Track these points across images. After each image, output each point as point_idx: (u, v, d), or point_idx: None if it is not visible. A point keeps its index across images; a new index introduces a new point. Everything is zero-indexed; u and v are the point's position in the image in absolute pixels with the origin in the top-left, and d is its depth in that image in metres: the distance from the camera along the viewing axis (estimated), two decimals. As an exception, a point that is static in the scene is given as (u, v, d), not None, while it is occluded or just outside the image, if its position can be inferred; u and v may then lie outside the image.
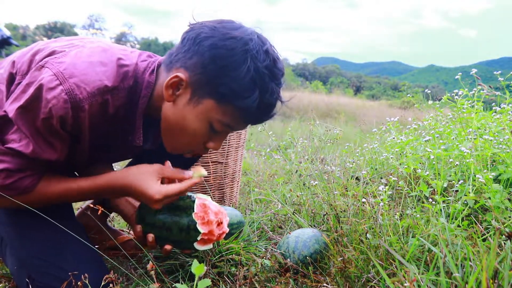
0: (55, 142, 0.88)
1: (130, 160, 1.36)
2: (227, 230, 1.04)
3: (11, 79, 0.94)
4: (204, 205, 1.01)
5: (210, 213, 1.01)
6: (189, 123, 0.93)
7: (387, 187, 1.24)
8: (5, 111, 0.88)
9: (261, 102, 0.90)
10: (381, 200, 1.17)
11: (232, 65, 0.86)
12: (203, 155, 1.69)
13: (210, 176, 1.71)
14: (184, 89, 0.91)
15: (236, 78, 0.86)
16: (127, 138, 1.01)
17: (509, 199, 1.28)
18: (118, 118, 0.96)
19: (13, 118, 0.85)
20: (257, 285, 1.07)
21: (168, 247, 1.02)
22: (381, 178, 1.78)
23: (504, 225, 1.07)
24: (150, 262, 0.98)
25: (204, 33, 0.88)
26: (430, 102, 2.06)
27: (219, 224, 1.02)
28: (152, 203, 0.95)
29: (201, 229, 0.99)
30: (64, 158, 0.94)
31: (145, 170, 0.96)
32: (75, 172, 1.18)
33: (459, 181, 1.34)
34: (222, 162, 1.74)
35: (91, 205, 1.39)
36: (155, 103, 0.97)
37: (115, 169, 1.20)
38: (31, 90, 0.83)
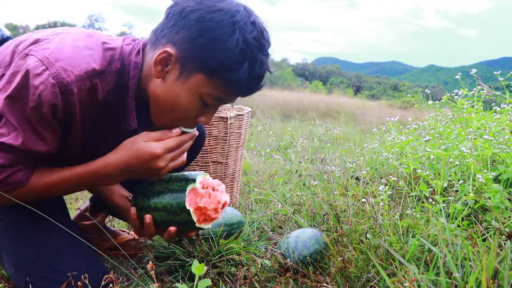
0: (45, 133, 0.87)
1: None
2: (228, 201, 1.04)
3: None
4: (195, 190, 0.99)
5: (199, 200, 0.99)
6: (180, 98, 0.92)
7: (387, 187, 1.24)
8: None
9: (251, 73, 0.89)
10: (381, 200, 1.17)
11: (220, 37, 0.85)
12: (203, 155, 1.69)
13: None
14: (173, 65, 0.90)
15: (225, 51, 0.85)
16: (119, 125, 0.98)
17: (509, 199, 1.28)
18: (108, 104, 0.94)
19: (0, 109, 0.83)
20: (257, 285, 1.07)
21: (172, 228, 0.99)
22: (381, 178, 1.78)
23: (504, 225, 1.07)
24: (150, 262, 0.98)
25: (190, 7, 0.87)
26: (430, 102, 2.06)
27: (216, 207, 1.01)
28: (156, 161, 0.93)
29: (194, 216, 0.98)
30: (55, 151, 0.92)
31: (134, 139, 0.95)
32: None
33: (459, 181, 1.34)
34: (222, 162, 1.74)
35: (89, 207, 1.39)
36: (143, 84, 0.95)
37: None
38: (17, 79, 0.82)
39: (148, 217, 0.99)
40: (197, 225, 0.99)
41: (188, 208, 0.97)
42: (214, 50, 0.86)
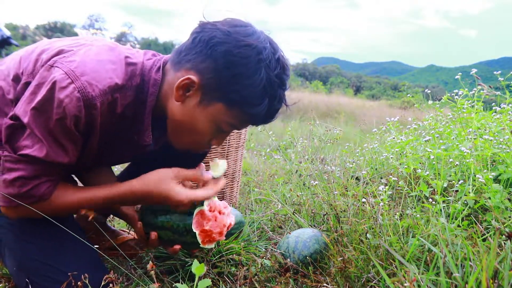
0: (67, 145, 0.88)
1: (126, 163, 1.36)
2: (233, 223, 1.05)
3: (17, 79, 0.93)
4: (203, 213, 1.00)
5: (205, 223, 1.00)
6: (198, 123, 0.94)
7: (387, 187, 1.23)
8: (15, 116, 0.86)
9: (270, 108, 0.92)
10: (381, 200, 1.17)
11: (246, 73, 0.87)
12: (203, 155, 1.69)
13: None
14: (195, 91, 0.91)
15: (249, 86, 0.87)
16: (133, 137, 1.00)
17: (509, 199, 1.28)
18: (125, 117, 0.96)
19: (26, 121, 0.84)
20: (257, 285, 1.07)
21: (177, 246, 1.03)
22: (381, 178, 1.78)
23: (504, 225, 1.07)
24: (150, 262, 0.98)
25: (218, 38, 0.88)
26: (430, 102, 2.06)
27: (221, 231, 1.02)
28: (179, 207, 0.98)
29: (199, 238, 1.00)
30: (74, 161, 0.93)
31: (165, 176, 0.96)
32: (74, 175, 1.17)
33: (459, 181, 1.34)
34: (222, 162, 1.74)
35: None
36: (161, 101, 0.97)
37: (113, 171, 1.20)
38: (42, 91, 0.83)
39: (153, 234, 1.02)
40: (201, 245, 1.01)
41: (194, 230, 0.99)
42: (238, 85, 0.88)
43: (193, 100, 0.92)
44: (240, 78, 0.87)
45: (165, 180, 0.96)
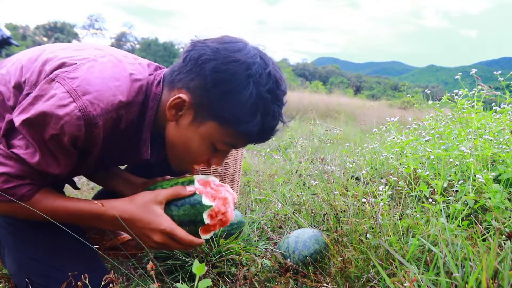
0: (61, 158, 0.87)
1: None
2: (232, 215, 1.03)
3: (19, 87, 0.92)
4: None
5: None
6: (192, 143, 0.93)
7: (387, 187, 1.23)
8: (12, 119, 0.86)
9: (263, 125, 0.90)
10: (381, 200, 1.17)
11: (234, 90, 0.85)
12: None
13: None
14: (187, 110, 0.91)
15: (238, 103, 0.86)
16: (134, 150, 1.00)
17: (509, 199, 1.28)
18: (128, 132, 0.95)
19: (18, 128, 0.84)
20: (257, 285, 1.07)
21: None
22: (381, 178, 1.78)
23: (504, 225, 1.07)
24: (150, 262, 0.98)
25: (207, 55, 0.87)
26: (430, 102, 2.06)
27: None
28: (154, 235, 0.95)
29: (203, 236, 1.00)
30: (67, 174, 0.93)
31: (149, 200, 0.96)
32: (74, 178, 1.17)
33: (459, 181, 1.34)
34: (222, 162, 1.74)
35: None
36: (160, 119, 0.97)
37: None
38: (40, 105, 0.82)
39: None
40: (201, 235, 1.01)
41: (206, 222, 0.98)
42: (227, 102, 0.86)
43: (186, 120, 0.92)
44: (229, 95, 0.86)
45: (149, 204, 0.95)
